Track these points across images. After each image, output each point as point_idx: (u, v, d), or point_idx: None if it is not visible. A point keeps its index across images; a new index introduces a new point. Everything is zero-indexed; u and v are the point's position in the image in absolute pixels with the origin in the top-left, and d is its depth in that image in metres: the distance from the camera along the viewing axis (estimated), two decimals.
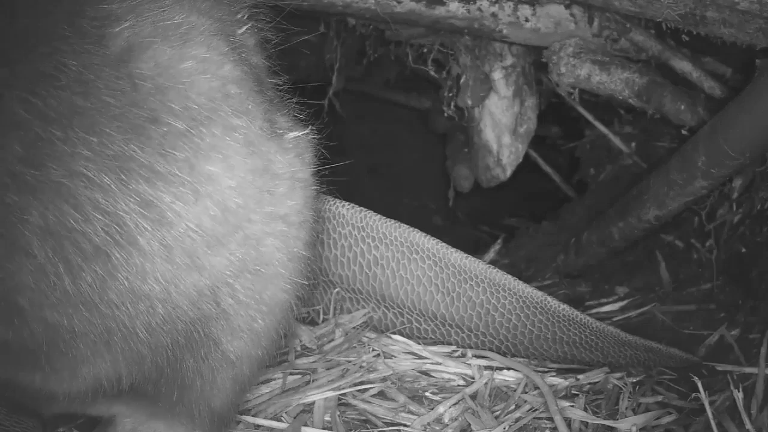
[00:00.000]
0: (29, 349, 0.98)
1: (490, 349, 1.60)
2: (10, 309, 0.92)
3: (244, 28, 1.11)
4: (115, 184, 0.90)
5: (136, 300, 0.96)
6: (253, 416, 1.37)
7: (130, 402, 1.20)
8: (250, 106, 1.03)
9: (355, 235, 1.55)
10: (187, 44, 0.96)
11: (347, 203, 1.53)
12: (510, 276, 1.53)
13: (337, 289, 1.64)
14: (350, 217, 1.53)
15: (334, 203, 1.53)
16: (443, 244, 1.53)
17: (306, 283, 1.19)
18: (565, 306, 1.53)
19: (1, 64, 0.86)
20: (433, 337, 1.62)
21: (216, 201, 0.98)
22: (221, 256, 1.01)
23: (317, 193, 1.23)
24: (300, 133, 1.14)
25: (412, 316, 1.61)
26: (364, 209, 1.54)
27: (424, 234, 1.53)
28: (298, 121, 1.18)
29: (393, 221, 1.54)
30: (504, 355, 1.60)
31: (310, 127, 1.18)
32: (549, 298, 1.52)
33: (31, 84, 0.86)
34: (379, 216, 1.54)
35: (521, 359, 1.60)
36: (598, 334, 1.55)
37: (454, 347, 1.61)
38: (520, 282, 1.53)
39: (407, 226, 1.53)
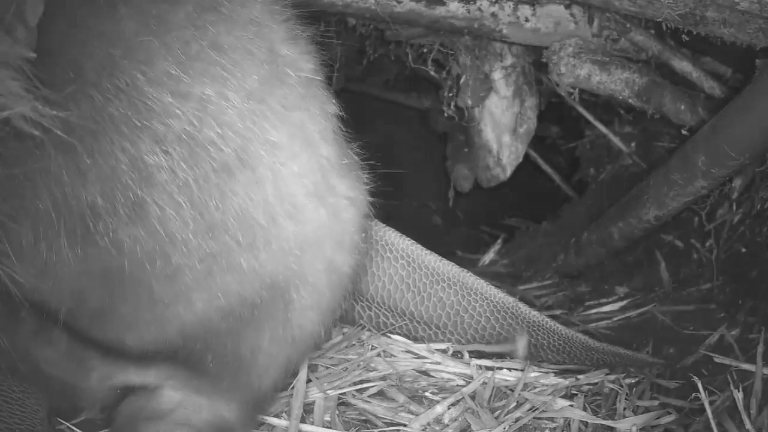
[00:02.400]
0: (140, 273, 1.02)
1: None
2: (138, 213, 0.98)
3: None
4: (254, 119, 1.04)
5: (245, 229, 1.04)
6: None
7: (181, 374, 1.19)
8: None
9: None
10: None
11: None
12: (483, 281, 1.57)
13: None
14: None
15: None
16: (418, 245, 1.56)
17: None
18: (536, 312, 1.57)
19: None
20: (399, 332, 1.63)
21: (313, 163, 1.13)
22: (316, 212, 1.12)
23: None
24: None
25: (380, 311, 1.62)
26: None
27: (399, 234, 1.55)
28: None
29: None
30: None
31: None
32: (520, 305, 1.56)
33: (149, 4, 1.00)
34: None
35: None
36: (566, 339, 1.58)
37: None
38: (493, 287, 1.57)
39: (383, 225, 1.55)
